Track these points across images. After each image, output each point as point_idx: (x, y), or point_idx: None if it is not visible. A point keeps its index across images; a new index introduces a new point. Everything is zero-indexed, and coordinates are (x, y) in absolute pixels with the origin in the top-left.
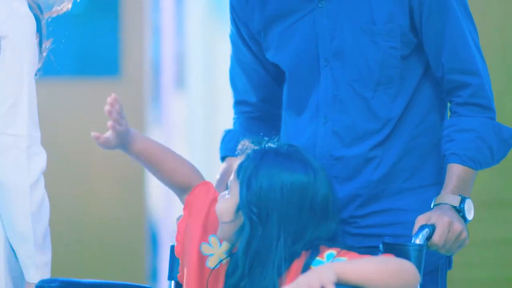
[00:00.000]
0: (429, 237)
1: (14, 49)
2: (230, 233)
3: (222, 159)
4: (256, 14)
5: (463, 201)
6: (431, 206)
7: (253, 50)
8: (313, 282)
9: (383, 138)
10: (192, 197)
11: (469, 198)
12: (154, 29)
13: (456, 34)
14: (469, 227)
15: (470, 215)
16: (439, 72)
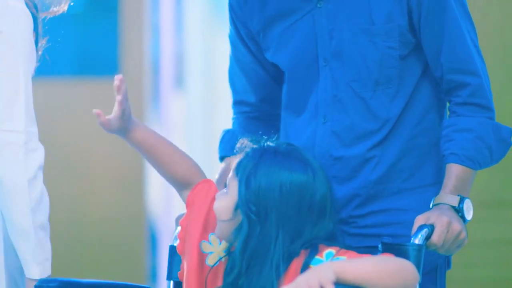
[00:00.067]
0: (428, 237)
1: (10, 45)
2: (229, 231)
3: (221, 159)
4: (255, 14)
5: (462, 201)
6: (430, 206)
7: (252, 50)
8: (312, 282)
9: (381, 138)
10: (193, 195)
11: (468, 198)
12: (154, 29)
13: (454, 34)
14: (468, 227)
15: (469, 215)
16: (438, 72)
